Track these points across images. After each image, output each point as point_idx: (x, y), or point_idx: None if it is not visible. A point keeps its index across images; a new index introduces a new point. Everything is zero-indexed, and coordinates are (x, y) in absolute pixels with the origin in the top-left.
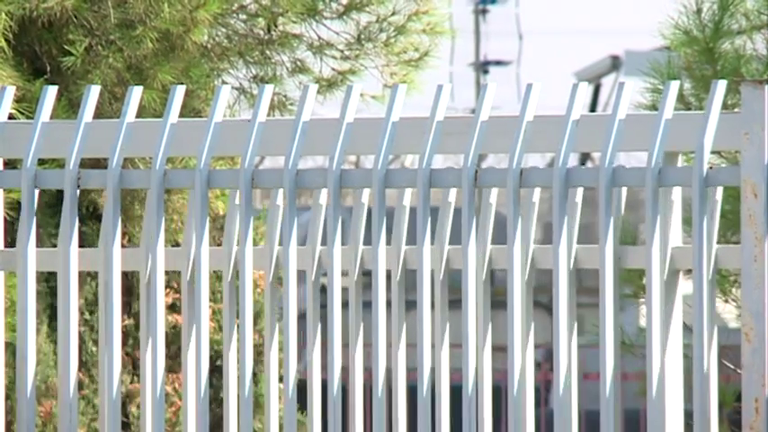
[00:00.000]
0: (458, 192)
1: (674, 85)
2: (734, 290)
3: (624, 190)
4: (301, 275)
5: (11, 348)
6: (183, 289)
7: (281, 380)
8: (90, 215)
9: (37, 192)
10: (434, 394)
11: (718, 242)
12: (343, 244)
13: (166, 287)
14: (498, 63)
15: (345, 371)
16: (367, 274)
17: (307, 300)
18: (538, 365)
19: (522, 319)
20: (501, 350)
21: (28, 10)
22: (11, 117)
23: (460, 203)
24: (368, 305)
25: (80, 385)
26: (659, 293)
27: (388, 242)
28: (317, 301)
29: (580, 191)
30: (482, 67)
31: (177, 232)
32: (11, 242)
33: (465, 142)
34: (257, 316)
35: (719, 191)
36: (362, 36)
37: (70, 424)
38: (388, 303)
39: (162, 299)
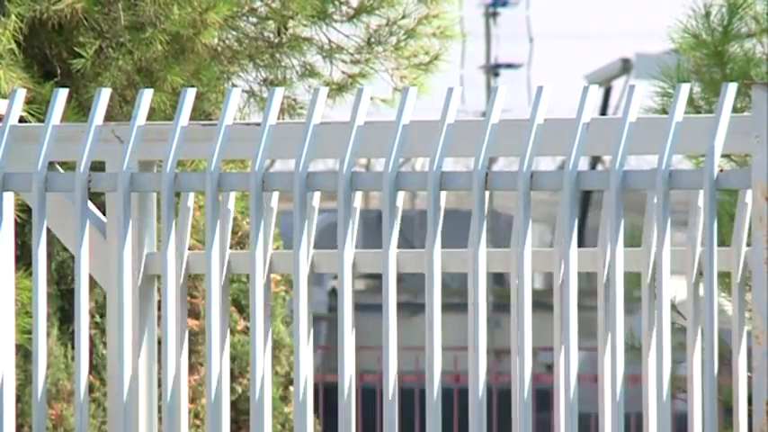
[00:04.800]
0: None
1: (685, 88)
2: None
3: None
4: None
5: (21, 351)
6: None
7: (290, 383)
8: None
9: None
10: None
11: (727, 244)
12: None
13: None
14: (509, 66)
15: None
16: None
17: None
18: (548, 368)
19: (530, 323)
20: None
21: (38, 12)
22: (21, 119)
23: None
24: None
25: (90, 388)
26: (669, 296)
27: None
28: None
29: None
30: (493, 69)
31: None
32: (21, 244)
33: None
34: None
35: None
36: (372, 39)
37: (81, 426)
38: (400, 306)
39: (174, 303)
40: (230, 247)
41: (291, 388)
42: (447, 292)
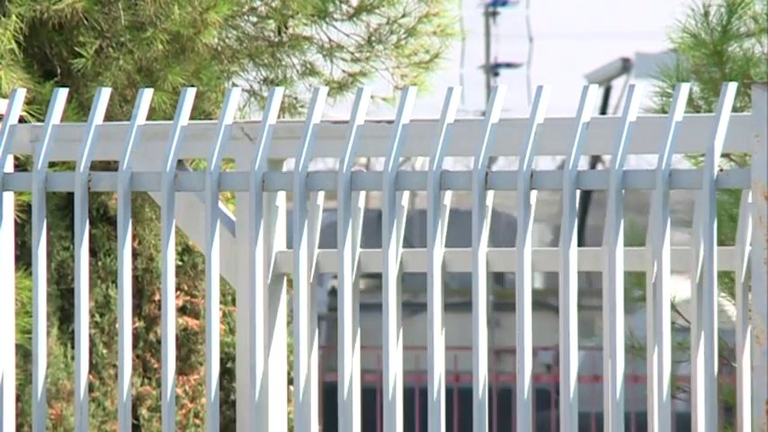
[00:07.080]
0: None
1: (685, 88)
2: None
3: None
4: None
5: (21, 350)
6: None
7: (291, 382)
8: (100, 217)
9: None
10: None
11: (727, 244)
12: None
13: (177, 289)
14: (509, 65)
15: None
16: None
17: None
18: (548, 367)
19: (531, 322)
20: (511, 352)
21: (38, 12)
22: (21, 119)
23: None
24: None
25: (90, 387)
26: (668, 296)
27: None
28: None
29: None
30: (492, 69)
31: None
32: (21, 244)
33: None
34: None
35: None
36: (373, 38)
37: (80, 426)
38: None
39: (173, 301)
40: None
41: (291, 387)
42: (447, 291)
